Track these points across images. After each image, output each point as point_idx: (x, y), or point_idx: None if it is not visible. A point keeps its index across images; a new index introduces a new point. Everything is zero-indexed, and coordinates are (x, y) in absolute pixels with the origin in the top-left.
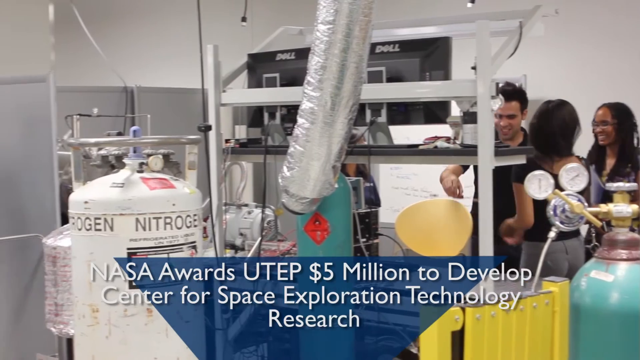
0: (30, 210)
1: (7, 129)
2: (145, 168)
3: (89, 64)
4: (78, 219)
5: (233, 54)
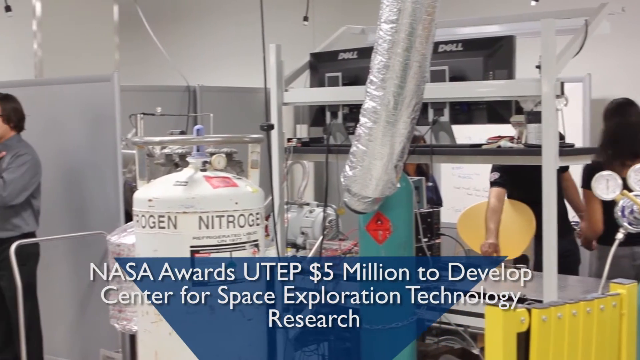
0: (94, 208)
1: (72, 128)
2: (209, 167)
3: (152, 63)
4: (142, 217)
5: (295, 53)
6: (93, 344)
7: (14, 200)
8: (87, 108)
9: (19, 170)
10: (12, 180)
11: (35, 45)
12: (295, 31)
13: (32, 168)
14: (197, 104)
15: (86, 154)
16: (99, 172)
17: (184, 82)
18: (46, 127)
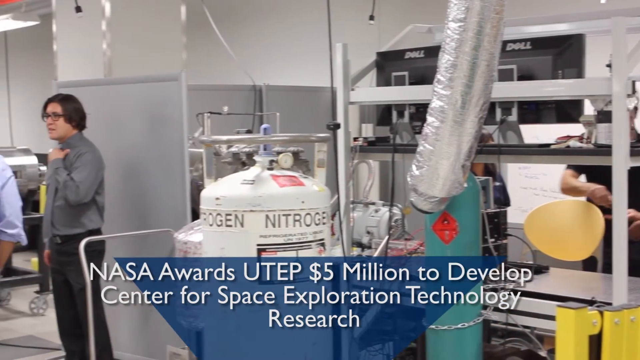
0: (161, 206)
1: (140, 127)
2: (275, 165)
3: (219, 62)
4: (209, 215)
5: (360, 52)
6: (159, 341)
7: (85, 199)
8: (155, 107)
9: (85, 169)
10: (82, 180)
11: (104, 45)
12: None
13: (96, 165)
14: (263, 103)
15: (154, 153)
16: (166, 171)
17: (250, 81)
18: (115, 125)
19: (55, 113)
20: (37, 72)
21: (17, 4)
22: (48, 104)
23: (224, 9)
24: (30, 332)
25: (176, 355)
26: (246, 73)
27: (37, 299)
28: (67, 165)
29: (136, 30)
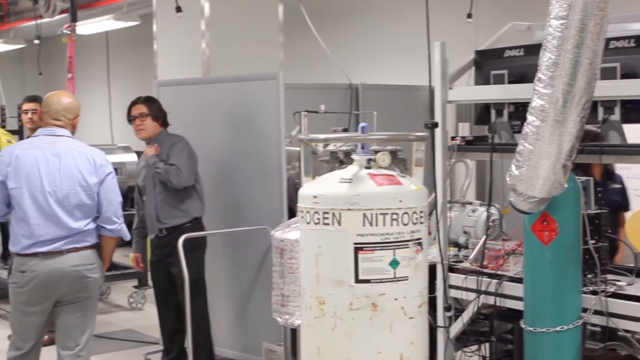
0: (258, 204)
1: (238, 125)
2: (373, 164)
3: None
4: (307, 213)
5: (458, 50)
6: (255, 337)
7: (188, 182)
8: (253, 105)
9: (181, 155)
10: (182, 164)
11: (203, 44)
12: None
13: (191, 151)
14: (359, 102)
15: (251, 151)
16: (263, 169)
17: (346, 80)
18: (213, 124)
19: (142, 113)
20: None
21: (119, 4)
22: (132, 107)
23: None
24: (128, 326)
25: (272, 352)
26: (342, 72)
27: (136, 293)
28: (164, 159)
29: (234, 30)
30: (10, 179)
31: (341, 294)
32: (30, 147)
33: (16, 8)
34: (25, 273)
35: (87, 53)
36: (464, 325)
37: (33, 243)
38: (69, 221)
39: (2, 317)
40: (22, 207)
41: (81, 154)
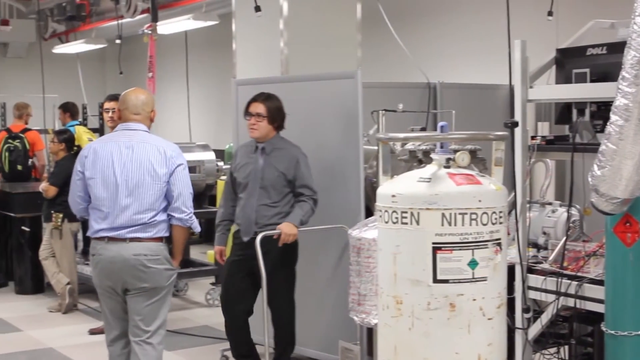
0: (336, 203)
1: (316, 124)
2: (452, 164)
3: (393, 60)
4: (385, 212)
5: (538, 48)
6: (331, 335)
7: None
8: (330, 104)
9: (308, 171)
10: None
11: (281, 43)
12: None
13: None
14: (437, 101)
15: (328, 149)
16: (341, 168)
17: (424, 79)
18: (291, 122)
19: (259, 114)
20: (215, 71)
21: (198, 4)
22: (251, 104)
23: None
24: (205, 323)
25: (348, 351)
26: (420, 70)
27: (213, 290)
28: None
29: (312, 29)
30: (88, 170)
31: (419, 294)
32: (107, 141)
33: (98, 8)
34: (94, 256)
35: (167, 52)
36: (543, 327)
37: (102, 228)
38: (136, 210)
39: (83, 312)
40: (95, 195)
41: (153, 146)
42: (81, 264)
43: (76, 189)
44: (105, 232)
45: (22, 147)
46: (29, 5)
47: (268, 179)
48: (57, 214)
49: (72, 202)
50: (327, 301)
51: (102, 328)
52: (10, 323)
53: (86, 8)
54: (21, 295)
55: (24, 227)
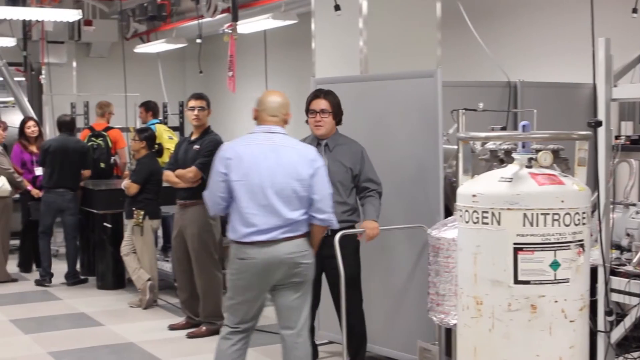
0: (414, 202)
1: (395, 123)
2: (534, 163)
3: (473, 58)
4: (465, 212)
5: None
6: (410, 335)
7: None
8: (410, 103)
9: (371, 165)
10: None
11: (361, 42)
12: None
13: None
14: (518, 100)
15: (408, 148)
16: (420, 167)
17: (504, 78)
18: (371, 121)
19: (324, 110)
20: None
21: (277, 3)
22: (312, 101)
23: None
24: None
25: (426, 351)
26: (500, 69)
27: None
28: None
29: (392, 27)
30: (232, 172)
31: (499, 295)
32: (249, 144)
33: (178, 8)
34: (244, 260)
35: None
36: (626, 330)
37: (252, 232)
38: (285, 212)
39: (163, 308)
40: (242, 199)
41: (294, 148)
42: (161, 261)
43: (218, 189)
44: (256, 235)
45: (104, 145)
46: (112, 6)
47: (336, 175)
48: (139, 211)
49: (212, 202)
50: (405, 301)
51: (182, 324)
52: (92, 317)
53: (167, 8)
54: (103, 290)
55: (105, 223)
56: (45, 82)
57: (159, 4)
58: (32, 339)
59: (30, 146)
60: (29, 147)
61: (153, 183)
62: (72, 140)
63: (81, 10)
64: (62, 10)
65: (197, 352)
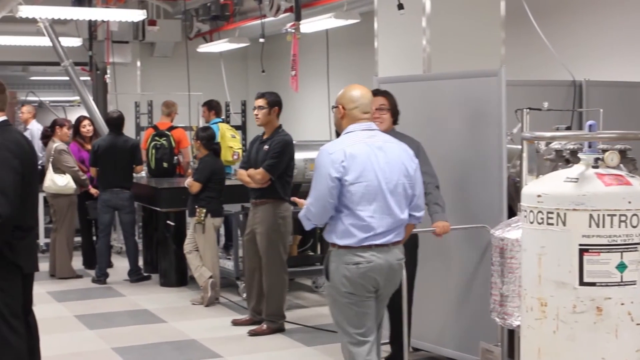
0: (477, 202)
1: (458, 122)
2: (600, 164)
3: (537, 57)
4: (530, 212)
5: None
6: (472, 336)
7: None
8: (473, 102)
9: (430, 163)
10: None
11: (424, 41)
12: None
13: None
14: (583, 99)
15: (471, 148)
16: (483, 167)
17: (569, 77)
18: (433, 120)
19: (382, 106)
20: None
21: (339, 3)
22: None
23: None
24: None
25: (489, 352)
26: (565, 68)
27: None
28: None
29: (455, 26)
30: (348, 175)
31: (564, 296)
32: (355, 143)
33: (241, 8)
34: (359, 264)
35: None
36: None
37: (369, 236)
38: (398, 212)
39: (224, 305)
40: (358, 202)
41: (397, 145)
42: (223, 259)
43: (328, 195)
44: (372, 239)
45: (167, 145)
46: (175, 6)
47: None
48: (201, 209)
49: (320, 213)
50: (467, 301)
51: (245, 320)
52: (155, 314)
53: (230, 8)
54: (165, 287)
55: (169, 221)
56: (110, 82)
57: (222, 4)
58: (97, 334)
59: (86, 145)
60: (85, 146)
61: (215, 182)
62: (120, 139)
63: (145, 11)
64: (127, 11)
65: (257, 350)
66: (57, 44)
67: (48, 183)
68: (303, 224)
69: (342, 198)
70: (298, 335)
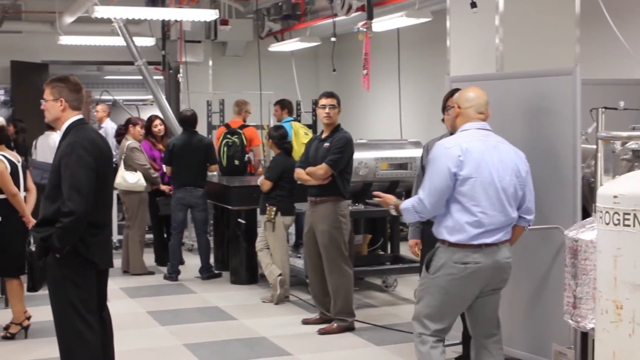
0: (551, 202)
1: (531, 121)
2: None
3: (613, 56)
4: (606, 213)
5: None
6: (544, 338)
7: None
8: (547, 101)
9: None
10: None
11: (497, 39)
12: None
13: None
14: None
15: (544, 147)
16: (556, 166)
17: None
18: (506, 119)
19: (448, 107)
20: (426, 68)
21: (411, 1)
22: (449, 98)
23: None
24: None
25: (561, 355)
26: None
27: None
28: None
29: (529, 24)
30: (465, 169)
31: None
32: (470, 140)
33: (313, 7)
34: (467, 265)
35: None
36: None
37: (480, 233)
38: (510, 210)
39: (294, 304)
40: (472, 197)
41: (510, 147)
42: (293, 257)
43: (445, 189)
44: (484, 237)
45: (239, 143)
46: (247, 6)
47: None
48: (271, 207)
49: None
50: (539, 303)
51: (316, 319)
52: (226, 311)
53: (301, 7)
54: (236, 285)
55: (240, 219)
56: (183, 81)
57: (294, 3)
58: (168, 330)
59: (158, 144)
60: (157, 145)
61: (286, 180)
62: (194, 138)
63: (218, 10)
64: (200, 10)
65: (327, 348)
66: (131, 44)
67: (119, 180)
68: (406, 217)
69: (455, 192)
70: (368, 335)
